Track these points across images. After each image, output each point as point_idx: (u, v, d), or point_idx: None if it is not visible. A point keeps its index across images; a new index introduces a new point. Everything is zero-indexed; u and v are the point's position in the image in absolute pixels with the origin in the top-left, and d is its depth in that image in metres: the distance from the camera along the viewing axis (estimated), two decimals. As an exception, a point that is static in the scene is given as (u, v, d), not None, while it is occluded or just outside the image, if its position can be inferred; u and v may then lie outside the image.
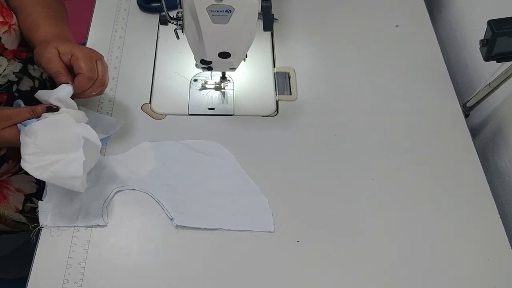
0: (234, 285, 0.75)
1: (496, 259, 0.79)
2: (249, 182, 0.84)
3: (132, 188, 0.82)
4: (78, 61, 0.78)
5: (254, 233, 0.79)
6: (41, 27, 0.84)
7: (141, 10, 1.08)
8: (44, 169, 0.73)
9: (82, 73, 0.78)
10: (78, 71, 0.78)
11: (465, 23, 1.11)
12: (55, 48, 0.79)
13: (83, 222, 0.78)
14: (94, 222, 0.78)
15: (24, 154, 0.73)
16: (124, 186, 0.82)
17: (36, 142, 0.73)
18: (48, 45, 0.80)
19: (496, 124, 0.98)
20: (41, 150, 0.73)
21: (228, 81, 0.97)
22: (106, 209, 0.79)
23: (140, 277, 0.74)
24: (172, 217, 0.79)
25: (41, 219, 0.77)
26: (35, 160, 0.73)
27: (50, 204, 0.79)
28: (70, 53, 0.79)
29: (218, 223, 0.79)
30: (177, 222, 0.79)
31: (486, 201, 0.85)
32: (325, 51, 1.05)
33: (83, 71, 0.78)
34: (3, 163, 0.94)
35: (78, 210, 0.79)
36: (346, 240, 0.80)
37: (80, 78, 0.78)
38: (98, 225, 0.78)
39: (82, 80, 0.78)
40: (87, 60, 0.79)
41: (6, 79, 0.88)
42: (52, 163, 0.73)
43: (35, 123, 0.74)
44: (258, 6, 0.77)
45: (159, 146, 0.88)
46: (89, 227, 0.78)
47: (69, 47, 0.79)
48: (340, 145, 0.90)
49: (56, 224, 0.77)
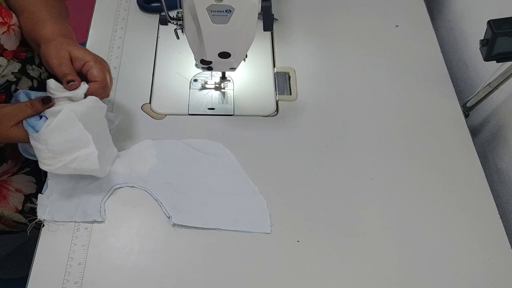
0: (234, 285, 0.75)
1: (496, 259, 0.79)
2: (248, 183, 0.84)
3: (131, 185, 0.82)
4: (93, 69, 0.80)
5: (254, 234, 0.79)
6: (46, 25, 0.84)
7: (141, 10, 1.08)
8: (66, 166, 0.76)
9: (99, 81, 0.79)
10: (93, 79, 0.79)
11: (465, 23, 1.11)
12: (67, 52, 0.80)
13: (81, 218, 0.78)
14: (91, 218, 0.78)
15: (41, 159, 0.76)
16: (123, 183, 0.82)
17: (48, 147, 0.75)
18: (59, 47, 0.80)
19: (496, 124, 0.98)
20: (55, 153, 0.76)
21: (228, 81, 0.97)
22: (104, 205, 0.80)
23: (140, 277, 0.74)
24: (170, 216, 0.79)
25: (39, 212, 0.78)
26: (53, 162, 0.76)
27: (49, 199, 0.79)
28: (83, 61, 0.80)
29: (215, 223, 0.80)
30: (174, 220, 0.79)
31: (486, 201, 0.85)
32: (325, 51, 1.05)
33: (99, 79, 0.79)
34: (3, 163, 0.94)
35: (77, 206, 0.79)
36: (346, 240, 0.80)
37: (95, 85, 0.79)
38: (95, 221, 0.78)
39: (97, 87, 0.79)
40: (100, 69, 0.80)
41: (5, 79, 0.88)
42: (70, 161, 0.76)
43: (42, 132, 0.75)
44: (258, 6, 0.77)
45: (161, 144, 0.88)
46: (89, 226, 0.78)
47: (81, 53, 0.80)
48: (340, 145, 0.90)
49: (54, 218, 0.78)
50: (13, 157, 0.96)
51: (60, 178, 0.81)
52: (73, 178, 0.81)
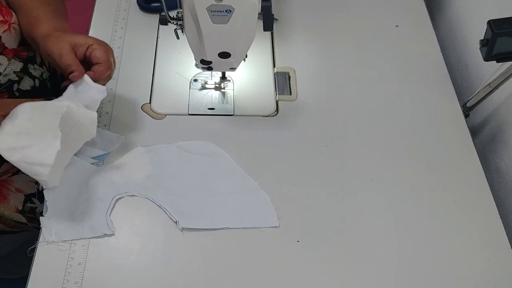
0: (234, 285, 0.75)
1: (496, 259, 0.79)
2: (247, 179, 0.84)
3: (132, 194, 0.81)
4: (96, 51, 0.80)
5: (253, 233, 0.79)
6: (43, 23, 0.84)
7: (141, 10, 1.08)
8: (16, 150, 0.70)
9: (102, 62, 0.79)
10: (97, 61, 0.80)
11: (465, 23, 1.11)
12: (68, 43, 0.79)
13: (90, 234, 0.76)
14: (101, 232, 0.76)
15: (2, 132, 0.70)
16: (123, 193, 0.81)
17: (15, 121, 0.70)
18: (58, 39, 0.80)
19: (496, 124, 0.98)
20: (18, 130, 0.70)
21: (228, 81, 0.97)
22: (110, 217, 0.78)
23: (140, 277, 0.74)
24: (177, 220, 0.78)
25: (46, 235, 0.75)
26: (9, 140, 0.70)
27: (52, 220, 0.77)
28: (86, 45, 0.80)
29: (223, 222, 0.79)
30: (182, 224, 0.78)
31: (486, 201, 0.85)
32: (325, 51, 1.05)
33: (102, 61, 0.80)
34: (3, 163, 0.94)
35: (82, 222, 0.77)
36: (346, 240, 0.80)
37: (99, 68, 0.79)
38: (105, 234, 0.77)
39: (102, 69, 0.79)
40: (104, 51, 0.80)
41: (7, 78, 0.88)
42: (26, 146, 0.70)
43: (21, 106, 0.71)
44: (258, 6, 0.77)
45: (153, 150, 0.87)
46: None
47: (82, 39, 0.80)
48: (340, 145, 0.90)
49: (63, 238, 0.76)
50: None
51: (57, 196, 0.79)
52: (70, 194, 0.80)
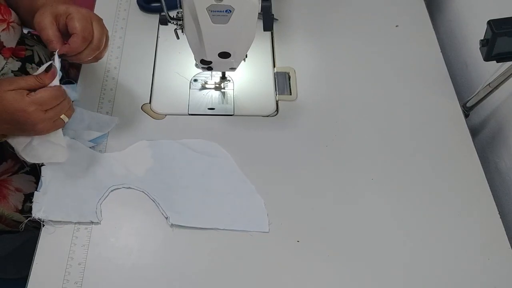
0: (234, 285, 0.75)
1: (496, 259, 0.79)
2: (245, 182, 0.84)
3: (128, 186, 0.82)
4: (72, 21, 0.75)
5: (254, 233, 0.79)
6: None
7: (141, 10, 1.08)
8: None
9: (76, 33, 0.74)
10: (73, 31, 0.75)
11: (465, 23, 1.11)
12: (50, 14, 0.75)
13: (77, 218, 0.78)
14: (88, 219, 0.78)
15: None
16: (120, 185, 0.82)
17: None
18: (43, 11, 0.76)
19: (496, 124, 0.98)
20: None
21: (228, 81, 0.97)
22: (101, 206, 0.79)
23: (140, 277, 0.74)
24: (167, 216, 0.79)
25: (34, 210, 0.77)
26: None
27: (45, 197, 0.78)
28: (66, 13, 0.75)
29: (214, 222, 0.79)
30: (172, 221, 0.78)
31: (486, 201, 0.85)
32: (325, 51, 1.05)
33: (77, 31, 0.74)
34: (2, 162, 0.94)
35: (73, 206, 0.79)
36: (346, 240, 0.80)
37: (74, 38, 0.75)
38: (91, 222, 0.78)
39: (76, 40, 0.75)
40: (82, 19, 0.75)
41: (5, 77, 0.88)
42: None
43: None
44: (258, 6, 0.77)
45: (156, 145, 0.88)
46: (89, 226, 0.78)
47: (64, 7, 0.76)
48: (340, 145, 0.90)
49: (49, 217, 0.77)
50: (13, 156, 0.96)
51: (54, 174, 0.80)
52: (68, 177, 0.81)
